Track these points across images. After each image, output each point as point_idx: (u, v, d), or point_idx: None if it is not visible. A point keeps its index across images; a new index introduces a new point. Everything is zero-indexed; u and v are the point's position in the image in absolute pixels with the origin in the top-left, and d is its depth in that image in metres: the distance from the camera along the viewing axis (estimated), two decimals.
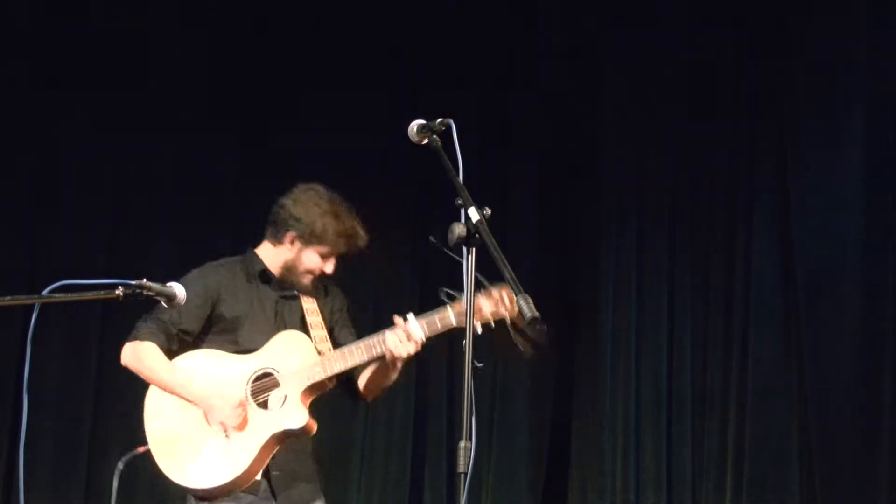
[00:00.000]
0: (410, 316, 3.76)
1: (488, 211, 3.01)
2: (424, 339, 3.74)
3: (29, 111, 6.23)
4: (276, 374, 3.83)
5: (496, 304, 3.65)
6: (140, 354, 3.85)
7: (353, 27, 6.34)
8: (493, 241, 2.95)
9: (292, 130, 6.29)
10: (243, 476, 3.75)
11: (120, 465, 3.99)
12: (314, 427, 3.83)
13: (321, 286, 4.06)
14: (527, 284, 2.91)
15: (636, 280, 6.14)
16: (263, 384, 3.83)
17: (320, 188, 3.97)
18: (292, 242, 3.93)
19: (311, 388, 3.83)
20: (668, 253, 6.14)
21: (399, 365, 3.81)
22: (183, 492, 3.82)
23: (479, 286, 3.41)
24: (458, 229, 2.99)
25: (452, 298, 3.73)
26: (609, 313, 6.12)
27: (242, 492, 3.79)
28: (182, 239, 6.19)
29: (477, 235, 2.98)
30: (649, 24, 6.22)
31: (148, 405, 3.87)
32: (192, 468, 3.76)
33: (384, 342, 3.75)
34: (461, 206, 3.02)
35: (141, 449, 3.90)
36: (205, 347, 3.91)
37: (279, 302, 3.98)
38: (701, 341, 6.02)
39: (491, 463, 6.13)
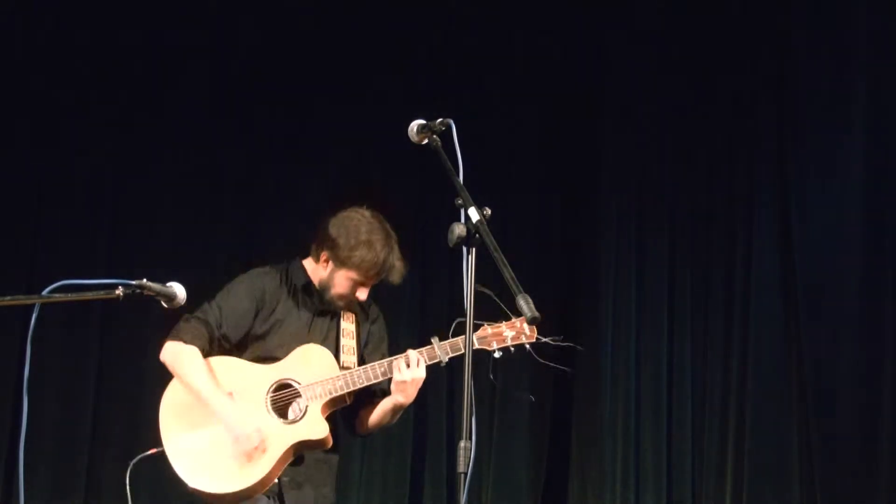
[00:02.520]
0: (435, 339, 3.86)
1: (488, 211, 3.01)
2: (447, 360, 3.88)
3: (29, 111, 6.22)
4: (296, 386, 3.85)
5: (518, 333, 3.90)
6: (181, 356, 3.81)
7: (353, 26, 6.34)
8: (493, 241, 2.95)
9: (294, 129, 6.28)
10: (259, 484, 3.76)
11: (130, 465, 3.95)
12: (331, 440, 3.86)
13: (365, 310, 4.08)
14: (527, 284, 2.90)
15: (636, 280, 6.14)
16: (283, 395, 3.85)
17: (366, 213, 3.95)
18: (327, 262, 3.92)
19: (332, 402, 3.85)
20: (668, 253, 6.15)
21: (398, 397, 3.87)
22: (194, 496, 3.80)
23: (503, 316, 3.66)
24: (458, 229, 2.99)
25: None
26: (609, 313, 6.12)
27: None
28: (182, 238, 6.19)
29: (477, 235, 2.98)
30: (649, 24, 6.22)
31: (166, 404, 3.85)
32: (209, 472, 3.75)
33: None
34: (461, 206, 3.02)
35: (153, 451, 3.86)
36: (238, 354, 3.91)
37: (316, 317, 3.98)
38: (701, 341, 6.03)
39: (491, 463, 6.12)
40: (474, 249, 3.00)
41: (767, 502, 5.74)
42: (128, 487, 3.88)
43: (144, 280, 3.13)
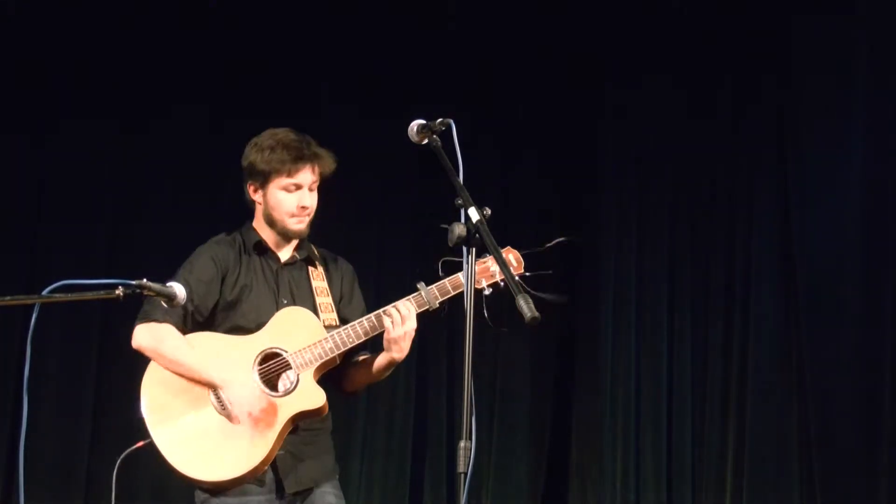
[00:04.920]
0: (421, 284, 3.69)
1: (488, 211, 3.01)
2: (437, 305, 3.67)
3: (28, 112, 6.23)
4: (284, 355, 3.67)
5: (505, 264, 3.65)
6: (160, 336, 3.63)
7: (353, 25, 6.34)
8: (493, 241, 2.95)
9: (293, 127, 6.27)
10: (260, 465, 3.60)
11: (118, 461, 3.89)
12: (327, 407, 3.70)
13: (330, 259, 3.92)
14: (526, 284, 2.90)
15: (636, 280, 6.14)
16: (271, 366, 3.67)
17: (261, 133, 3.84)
18: (255, 192, 3.80)
19: (323, 366, 3.69)
20: (668, 253, 6.15)
21: (393, 353, 3.67)
22: (191, 484, 3.66)
23: (487, 250, 3.24)
24: (458, 229, 2.99)
25: (452, 266, 3.61)
26: (609, 313, 6.12)
27: (249, 484, 3.64)
28: (182, 239, 6.17)
29: (477, 235, 2.98)
30: (650, 24, 6.22)
31: (147, 396, 3.66)
32: (205, 460, 3.59)
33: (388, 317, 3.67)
34: (461, 206, 3.02)
35: (141, 444, 3.73)
36: (211, 329, 3.73)
37: (280, 272, 3.80)
38: (701, 341, 6.02)
39: (491, 463, 6.13)
40: (474, 249, 3.00)
41: (767, 501, 5.74)
42: (114, 483, 3.81)
43: (144, 280, 3.12)
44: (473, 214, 2.99)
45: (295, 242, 3.86)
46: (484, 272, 3.63)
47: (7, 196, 6.18)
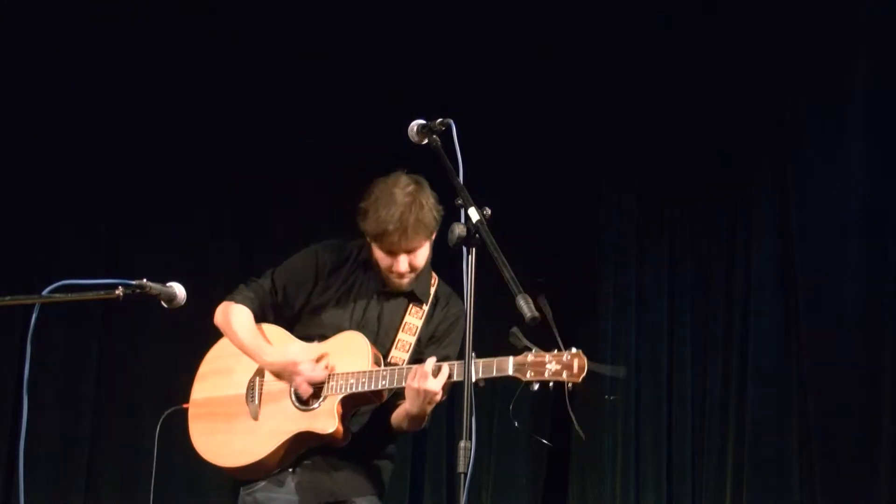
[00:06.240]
0: (472, 355, 3.24)
1: (488, 211, 3.02)
2: (476, 380, 3.38)
3: (27, 112, 6.23)
4: None
5: (562, 369, 3.43)
6: (230, 314, 3.75)
7: (353, 23, 6.34)
8: (493, 240, 2.96)
9: (292, 127, 6.28)
10: (259, 465, 3.66)
11: (162, 417, 3.95)
12: (344, 436, 3.65)
13: (443, 299, 3.83)
14: (526, 284, 2.90)
15: (636, 281, 6.14)
16: None
17: (396, 175, 3.64)
18: (363, 236, 3.71)
19: (353, 398, 3.63)
20: (668, 254, 6.14)
21: (419, 405, 3.58)
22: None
23: (553, 345, 3.25)
24: (459, 229, 2.99)
25: (520, 344, 3.35)
26: (609, 314, 6.12)
27: (271, 484, 3.71)
28: (182, 239, 6.19)
29: (477, 235, 2.98)
30: (650, 21, 6.21)
31: (205, 363, 3.85)
32: (215, 442, 3.70)
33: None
34: (461, 206, 3.02)
35: (185, 405, 3.84)
36: (292, 326, 3.80)
37: (376, 298, 3.78)
38: (701, 341, 6.02)
39: (491, 463, 6.12)
40: (474, 249, 3.00)
41: (767, 502, 5.74)
42: (156, 439, 3.83)
43: (144, 280, 3.13)
44: (473, 214, 2.99)
45: None
46: (537, 366, 3.41)
47: (7, 196, 6.18)
